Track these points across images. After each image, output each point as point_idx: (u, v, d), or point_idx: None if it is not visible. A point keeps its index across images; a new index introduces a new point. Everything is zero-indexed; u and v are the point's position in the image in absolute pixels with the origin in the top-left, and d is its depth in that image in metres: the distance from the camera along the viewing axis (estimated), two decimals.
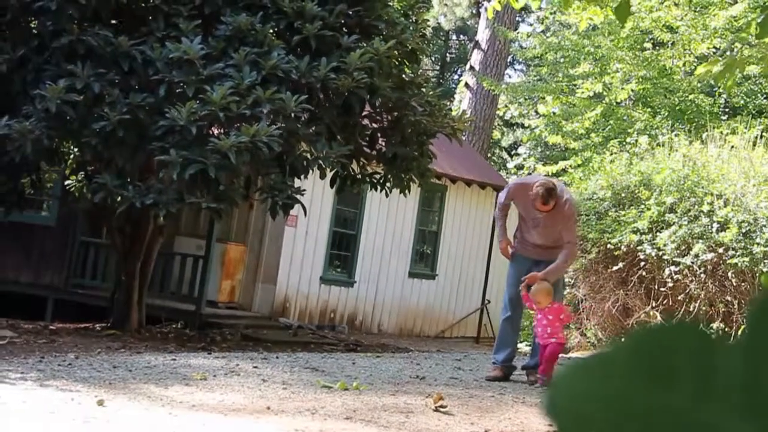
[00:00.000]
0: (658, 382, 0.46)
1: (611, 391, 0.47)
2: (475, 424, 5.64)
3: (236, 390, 6.19)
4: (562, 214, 7.57)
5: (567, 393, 0.49)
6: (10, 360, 7.33)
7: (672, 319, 0.49)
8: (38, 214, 15.17)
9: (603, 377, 0.48)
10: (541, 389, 7.27)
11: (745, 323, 0.47)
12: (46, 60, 9.65)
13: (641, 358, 0.47)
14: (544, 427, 5.71)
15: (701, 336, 0.46)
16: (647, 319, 14.10)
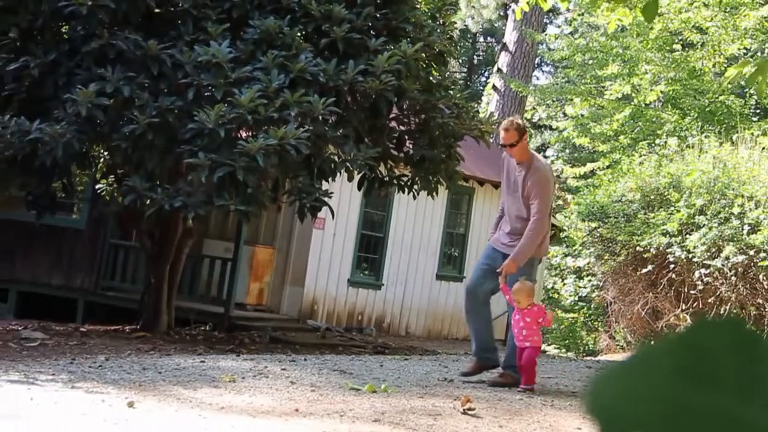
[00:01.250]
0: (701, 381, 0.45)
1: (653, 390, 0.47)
2: (504, 427, 5.62)
3: (265, 392, 6.20)
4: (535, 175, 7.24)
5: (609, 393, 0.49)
6: (41, 361, 7.39)
7: (713, 317, 0.49)
8: (69, 218, 15.29)
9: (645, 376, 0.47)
10: (523, 392, 7.04)
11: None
12: (76, 64, 9.73)
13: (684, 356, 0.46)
14: (573, 429, 5.69)
15: (744, 333, 0.45)
16: (677, 323, 14.00)
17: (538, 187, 7.24)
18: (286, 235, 15.59)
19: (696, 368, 0.46)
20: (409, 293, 17.64)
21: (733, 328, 0.48)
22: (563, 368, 9.81)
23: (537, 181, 7.24)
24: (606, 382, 0.50)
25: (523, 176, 7.28)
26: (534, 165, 7.32)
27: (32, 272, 15.11)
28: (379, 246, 17.07)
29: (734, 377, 0.46)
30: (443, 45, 11.01)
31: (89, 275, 14.83)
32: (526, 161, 7.33)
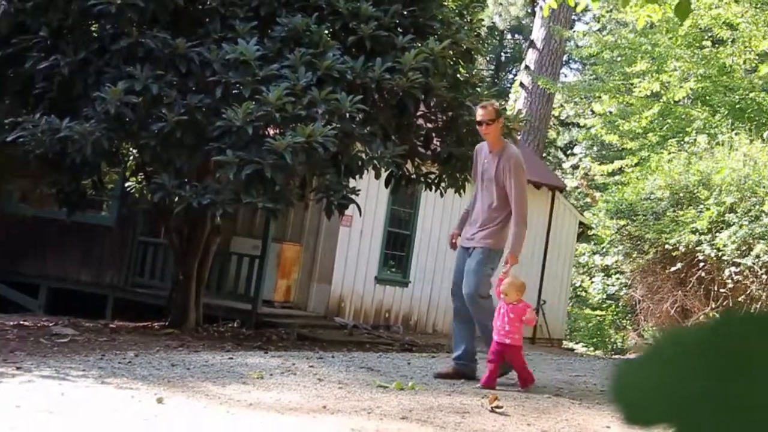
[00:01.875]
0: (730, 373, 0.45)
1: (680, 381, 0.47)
2: (532, 425, 5.61)
3: (292, 389, 6.22)
4: (509, 160, 7.18)
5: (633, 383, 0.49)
6: (72, 357, 7.45)
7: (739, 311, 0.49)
8: (99, 215, 15.40)
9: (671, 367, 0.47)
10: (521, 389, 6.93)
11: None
12: (106, 63, 9.80)
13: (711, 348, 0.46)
14: (602, 428, 5.67)
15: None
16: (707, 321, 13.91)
17: (514, 171, 7.19)
18: (314, 232, 15.62)
19: (724, 360, 0.46)
20: (436, 291, 17.61)
21: (761, 322, 0.48)
22: (591, 366, 9.77)
23: (513, 166, 7.20)
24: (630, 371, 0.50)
25: (496, 163, 7.24)
26: (507, 151, 7.29)
27: (63, 269, 15.24)
28: (406, 243, 17.07)
29: (763, 370, 0.46)
30: (471, 42, 10.99)
31: (119, 272, 14.93)
32: (499, 148, 7.32)
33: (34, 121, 9.43)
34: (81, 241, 15.09)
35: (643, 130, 22.21)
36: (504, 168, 7.18)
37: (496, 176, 7.21)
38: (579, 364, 10.23)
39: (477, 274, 7.19)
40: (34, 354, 7.80)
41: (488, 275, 7.26)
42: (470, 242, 7.29)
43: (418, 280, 17.24)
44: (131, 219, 14.58)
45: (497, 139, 7.36)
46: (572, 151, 33.41)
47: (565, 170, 32.10)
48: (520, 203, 7.21)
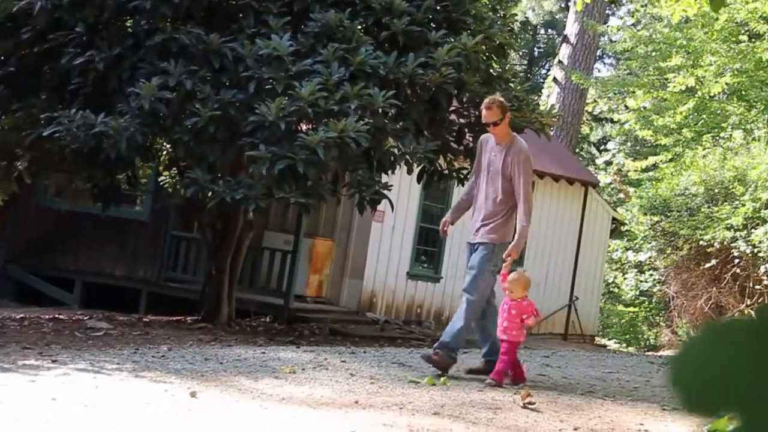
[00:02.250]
0: None
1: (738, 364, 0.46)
2: (564, 421, 5.58)
3: (325, 384, 6.24)
4: (518, 155, 7.10)
5: (692, 365, 0.48)
6: (106, 351, 7.51)
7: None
8: (133, 209, 15.52)
9: (730, 351, 0.47)
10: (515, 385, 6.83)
11: None
12: (140, 58, 9.86)
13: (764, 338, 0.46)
14: (635, 425, 5.63)
15: None
16: None
17: (523, 166, 7.11)
18: (346, 227, 15.64)
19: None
20: None
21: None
22: (624, 363, 9.71)
23: (521, 161, 7.11)
24: (690, 354, 0.49)
25: (503, 156, 7.15)
26: (515, 145, 7.20)
27: (97, 263, 15.37)
28: (438, 239, 17.05)
29: None
30: (504, 37, 10.95)
31: (152, 266, 15.04)
32: (507, 141, 7.22)
33: (70, 117, 9.51)
34: (115, 236, 15.21)
35: (677, 126, 22.03)
36: (512, 162, 7.11)
37: (503, 169, 7.14)
38: (612, 360, 10.18)
39: (480, 270, 7.12)
40: (69, 347, 7.87)
41: (492, 272, 7.18)
42: (475, 237, 7.23)
43: (449, 275, 17.21)
44: (165, 214, 14.68)
45: (505, 133, 7.29)
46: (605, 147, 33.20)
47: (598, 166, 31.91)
48: (527, 199, 7.12)
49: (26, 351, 7.31)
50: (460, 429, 5.12)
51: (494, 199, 7.16)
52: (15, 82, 10.49)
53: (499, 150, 7.21)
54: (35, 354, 7.04)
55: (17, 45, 10.38)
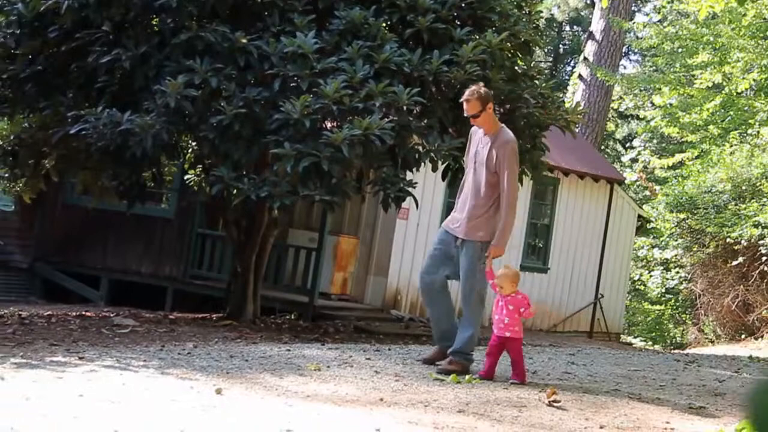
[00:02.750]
0: None
1: None
2: (590, 419, 5.56)
3: (349, 381, 6.24)
4: (499, 142, 6.93)
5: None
6: (132, 348, 7.56)
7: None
8: (158, 207, 15.60)
9: None
10: None
11: None
12: (166, 56, 9.90)
13: None
14: (662, 423, 5.61)
15: None
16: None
17: (507, 159, 6.95)
18: (370, 225, 15.65)
19: None
20: None
21: None
22: (650, 361, 9.66)
23: (507, 153, 6.96)
24: None
25: (488, 147, 7.01)
26: (501, 137, 7.03)
27: (123, 260, 15.47)
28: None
29: None
30: (529, 34, 10.91)
31: (177, 264, 15.11)
32: (494, 132, 7.06)
33: (96, 114, 9.57)
34: (141, 234, 15.30)
35: (704, 123, 21.88)
36: (497, 154, 6.96)
37: (487, 161, 7.00)
38: (637, 358, 10.13)
39: (474, 270, 7.04)
40: (96, 344, 7.93)
41: (482, 270, 7.09)
42: (458, 230, 7.07)
43: None
44: (190, 211, 14.75)
45: (491, 124, 7.07)
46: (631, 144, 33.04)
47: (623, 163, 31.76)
48: (511, 193, 6.96)
49: (54, 348, 7.37)
50: (485, 427, 5.11)
51: (479, 190, 7.03)
52: (42, 80, 10.57)
53: (486, 141, 7.06)
54: (63, 351, 7.09)
55: (45, 44, 10.46)
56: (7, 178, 11.47)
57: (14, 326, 9.20)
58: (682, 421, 5.78)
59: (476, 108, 6.99)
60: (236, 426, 4.57)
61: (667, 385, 7.48)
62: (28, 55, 10.61)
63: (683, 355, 12.31)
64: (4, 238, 12.56)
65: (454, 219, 7.17)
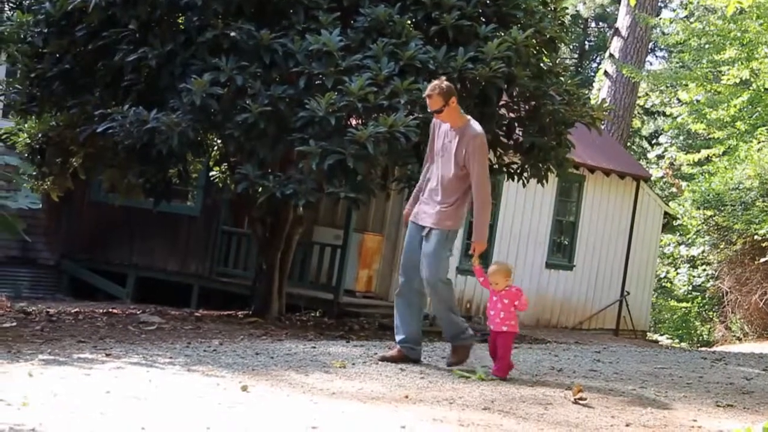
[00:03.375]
0: None
1: None
2: (616, 417, 5.54)
3: (375, 378, 6.25)
4: (467, 136, 6.75)
5: None
6: (159, 345, 7.60)
7: None
8: (184, 205, 15.67)
9: None
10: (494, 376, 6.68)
11: None
12: (192, 54, 9.94)
13: None
14: (688, 421, 5.58)
15: None
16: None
17: (477, 153, 6.79)
18: (395, 222, 15.64)
19: None
20: (517, 281, 17.35)
21: None
22: (677, 359, 9.61)
23: (476, 148, 6.79)
24: None
25: (457, 141, 6.83)
26: (469, 130, 6.85)
27: (149, 258, 15.55)
28: (488, 234, 17.00)
29: None
30: (554, 31, 10.87)
31: (203, 261, 15.18)
32: (460, 125, 6.86)
33: (123, 113, 9.63)
34: (167, 231, 15.38)
35: (731, 119, 21.71)
36: (466, 148, 6.80)
37: (456, 155, 6.81)
38: (664, 356, 10.08)
39: (437, 258, 6.88)
40: (123, 341, 7.98)
41: (447, 258, 6.98)
42: (426, 221, 6.91)
43: None
44: (216, 209, 14.80)
45: (456, 118, 6.87)
46: (657, 141, 32.85)
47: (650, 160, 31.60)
48: (483, 186, 6.83)
49: (81, 344, 7.43)
50: (510, 424, 5.10)
51: (447, 184, 6.88)
52: (70, 79, 10.64)
53: (453, 135, 6.87)
54: (90, 347, 7.15)
55: (72, 43, 10.52)
56: (35, 176, 11.54)
57: (42, 323, 9.28)
58: (710, 419, 5.75)
59: (438, 103, 6.80)
60: (262, 423, 4.59)
61: (694, 383, 7.44)
62: (55, 54, 10.68)
63: (710, 352, 12.24)
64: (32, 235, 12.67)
65: (421, 210, 6.99)
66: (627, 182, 19.26)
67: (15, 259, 15.34)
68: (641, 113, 33.09)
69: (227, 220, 15.08)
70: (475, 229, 6.94)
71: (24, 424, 4.12)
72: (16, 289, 14.84)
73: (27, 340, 7.74)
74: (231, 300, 13.98)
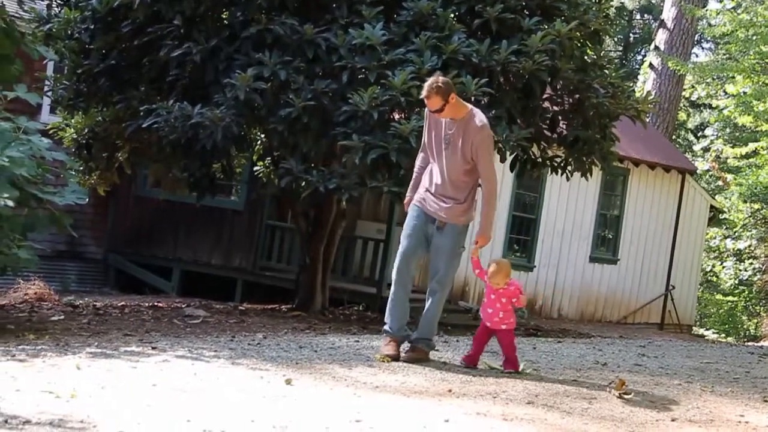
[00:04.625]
0: None
1: None
2: (661, 412, 5.50)
3: (418, 372, 6.26)
4: (472, 129, 6.49)
5: None
6: (204, 338, 7.66)
7: None
8: (228, 199, 15.77)
9: None
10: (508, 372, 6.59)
11: None
12: (236, 49, 9.99)
13: None
14: (735, 417, 5.52)
15: None
16: None
17: (486, 145, 6.55)
18: None
19: None
20: (561, 275, 17.44)
21: None
22: (723, 353, 9.51)
23: (483, 139, 6.53)
24: None
25: (462, 133, 6.53)
26: (474, 121, 6.54)
27: (194, 252, 15.68)
28: (530, 228, 16.94)
29: None
30: (599, 23, 10.78)
31: (247, 255, 15.27)
32: (463, 117, 6.56)
33: (168, 108, 9.70)
34: (211, 225, 15.49)
35: None
36: (473, 140, 6.52)
37: (462, 148, 6.54)
38: (710, 350, 9.98)
39: (454, 254, 6.75)
40: (168, 334, 8.05)
41: (461, 254, 6.87)
42: (440, 214, 6.68)
43: (542, 264, 17.09)
44: (259, 203, 14.88)
45: (457, 110, 6.57)
46: (703, 134, 32.48)
47: (695, 153, 31.26)
48: (491, 179, 6.64)
49: (128, 338, 7.51)
50: (554, 418, 5.09)
51: (456, 179, 6.64)
52: (115, 74, 10.75)
53: (455, 127, 6.57)
54: (136, 341, 7.23)
55: (118, 39, 10.63)
56: (82, 171, 11.68)
57: (89, 316, 9.39)
58: (757, 414, 5.68)
59: (438, 103, 6.50)
60: (306, 416, 4.61)
61: (740, 377, 7.36)
62: (102, 50, 10.80)
63: (757, 347, 12.09)
64: (79, 230, 12.81)
65: (428, 200, 6.74)
66: (672, 175, 19.08)
67: (63, 253, 15.55)
68: (687, 106, 32.73)
69: (271, 215, 15.16)
70: (481, 222, 6.73)
71: (72, 415, 4.19)
72: (64, 283, 15.04)
73: (75, 333, 7.84)
74: (274, 294, 14.06)
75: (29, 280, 11.67)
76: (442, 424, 4.71)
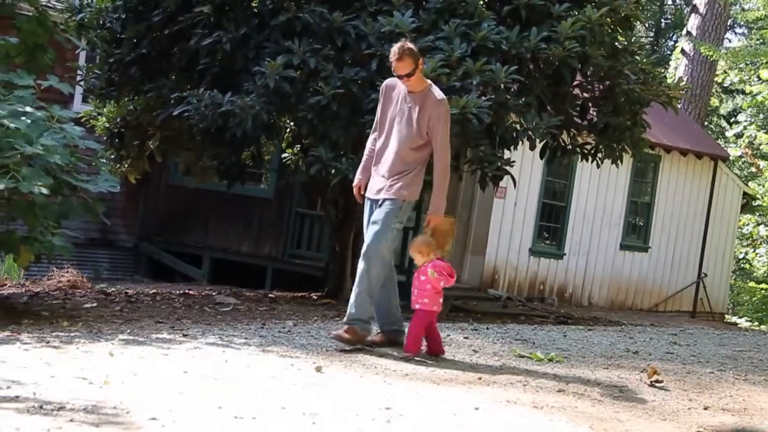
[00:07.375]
0: None
1: None
2: (693, 400, 5.47)
3: (448, 360, 6.26)
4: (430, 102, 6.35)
5: None
6: (234, 326, 7.70)
7: None
8: (258, 187, 15.82)
9: None
10: None
11: None
12: (265, 38, 10.00)
13: None
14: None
15: None
16: None
17: (444, 120, 6.42)
18: (467, 204, 15.61)
19: None
20: (591, 263, 17.36)
21: None
22: (756, 342, 9.44)
23: (441, 114, 6.41)
24: None
25: (418, 107, 6.40)
26: (432, 95, 6.44)
27: (224, 240, 15.75)
28: (560, 215, 16.87)
29: None
30: (629, 9, 10.69)
31: (277, 243, 15.31)
32: (422, 90, 6.45)
33: (198, 96, 9.74)
34: (241, 213, 15.55)
35: None
36: (431, 114, 6.39)
37: (418, 122, 6.39)
38: (743, 338, 9.90)
39: (385, 226, 6.43)
40: (199, 322, 8.10)
41: (397, 229, 6.57)
42: (381, 193, 6.47)
43: (573, 252, 17.02)
44: (288, 191, 14.90)
45: (419, 83, 6.46)
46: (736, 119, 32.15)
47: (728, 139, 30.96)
48: (445, 155, 6.48)
49: (159, 325, 7.56)
50: (585, 406, 5.07)
51: (405, 153, 6.48)
52: (146, 63, 10.80)
53: (413, 100, 6.45)
54: (167, 328, 7.28)
55: (149, 28, 10.67)
56: (114, 159, 11.76)
57: (121, 304, 9.47)
58: None
59: (410, 66, 6.33)
60: (336, 403, 4.63)
61: None
62: (132, 39, 10.84)
63: None
64: (111, 218, 12.89)
65: (375, 183, 6.55)
66: (704, 162, 18.93)
67: (95, 241, 15.67)
68: (719, 92, 32.42)
69: (300, 202, 15.18)
70: (433, 200, 6.54)
71: (105, 401, 4.23)
72: (96, 271, 15.16)
73: (107, 320, 7.91)
74: (304, 281, 14.09)
75: (62, 268, 11.76)
76: (472, 411, 4.71)
